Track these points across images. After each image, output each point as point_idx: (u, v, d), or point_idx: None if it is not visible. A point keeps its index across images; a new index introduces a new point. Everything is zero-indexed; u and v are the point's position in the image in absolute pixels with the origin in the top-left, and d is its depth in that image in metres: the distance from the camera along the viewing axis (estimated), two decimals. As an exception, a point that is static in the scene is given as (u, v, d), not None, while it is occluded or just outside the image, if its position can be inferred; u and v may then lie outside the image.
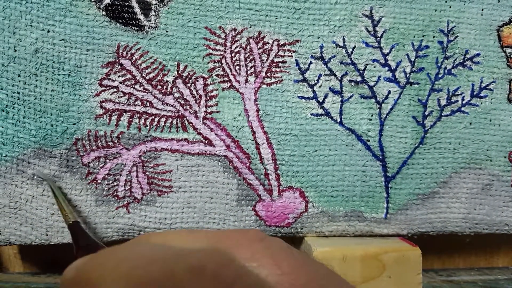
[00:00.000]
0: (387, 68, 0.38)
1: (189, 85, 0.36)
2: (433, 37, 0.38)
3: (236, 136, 0.37)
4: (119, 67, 0.35)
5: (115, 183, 0.36)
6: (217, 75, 0.36)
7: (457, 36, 0.39)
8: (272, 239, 0.19)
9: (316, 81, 0.37)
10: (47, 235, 0.36)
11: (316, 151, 0.38)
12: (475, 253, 0.47)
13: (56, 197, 0.34)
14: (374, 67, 0.38)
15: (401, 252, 0.37)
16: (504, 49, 0.40)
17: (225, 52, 0.36)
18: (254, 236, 0.18)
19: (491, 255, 0.47)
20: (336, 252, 0.36)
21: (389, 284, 0.36)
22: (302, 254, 0.18)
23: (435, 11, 0.38)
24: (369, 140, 0.38)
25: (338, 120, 0.38)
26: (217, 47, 0.36)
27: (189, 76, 0.36)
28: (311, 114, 0.38)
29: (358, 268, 0.36)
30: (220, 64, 0.36)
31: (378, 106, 0.38)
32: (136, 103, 0.36)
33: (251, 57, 0.37)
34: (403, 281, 0.36)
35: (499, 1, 0.39)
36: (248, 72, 0.37)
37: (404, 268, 0.36)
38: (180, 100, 0.36)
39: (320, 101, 0.38)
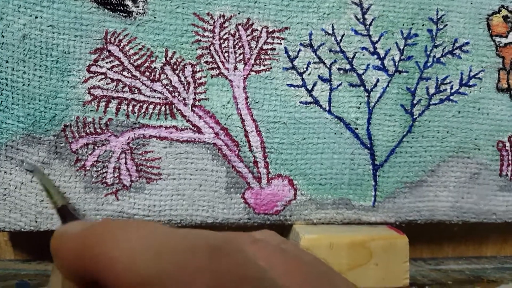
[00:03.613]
0: (376, 56, 0.38)
1: (177, 72, 0.36)
2: (422, 25, 0.38)
3: (225, 124, 0.37)
4: (107, 53, 0.35)
5: (104, 170, 0.36)
6: (206, 62, 0.36)
7: (447, 25, 0.39)
8: (263, 240, 0.19)
9: (305, 69, 0.37)
10: (36, 221, 0.36)
11: (304, 139, 0.38)
12: (464, 242, 0.47)
13: (43, 184, 0.34)
14: (363, 55, 0.38)
15: (388, 240, 0.37)
16: (493, 38, 0.40)
17: (213, 38, 0.36)
18: (247, 239, 0.18)
19: (480, 245, 0.47)
20: (323, 240, 0.36)
21: (376, 272, 0.37)
22: (295, 254, 0.19)
23: (425, -1, 0.38)
24: (357, 128, 0.38)
25: (327, 108, 0.38)
26: (206, 34, 0.36)
27: (177, 63, 0.36)
28: (300, 102, 0.38)
29: (345, 256, 0.36)
30: (208, 51, 0.36)
31: (367, 94, 0.38)
32: (124, 89, 0.36)
33: (240, 44, 0.37)
34: (390, 269, 0.37)
35: (488, -10, 0.39)
36: (237, 59, 0.37)
37: (391, 256, 0.37)
38: (168, 87, 0.36)
39: (309, 89, 0.38)
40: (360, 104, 0.38)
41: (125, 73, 0.35)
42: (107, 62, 0.35)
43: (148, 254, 0.16)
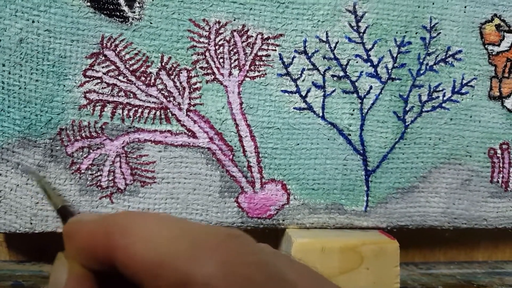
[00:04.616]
0: (369, 64, 0.38)
1: (172, 77, 0.36)
2: (416, 33, 0.39)
3: (219, 129, 0.37)
4: (103, 58, 0.35)
5: (99, 173, 0.36)
6: (201, 68, 0.37)
7: (440, 33, 0.39)
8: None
9: (299, 75, 0.38)
10: (31, 223, 0.36)
11: (298, 144, 0.38)
12: (456, 248, 0.48)
13: (42, 186, 0.34)
14: (357, 62, 0.38)
15: (379, 244, 0.37)
16: (486, 46, 0.40)
17: (209, 44, 0.37)
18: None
19: (472, 250, 0.48)
20: (315, 244, 0.37)
21: (367, 276, 0.37)
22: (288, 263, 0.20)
23: (418, 7, 0.38)
24: (350, 135, 0.39)
25: (320, 114, 0.38)
26: (201, 40, 0.36)
27: (172, 68, 0.36)
28: (294, 108, 0.38)
29: (336, 260, 0.36)
30: (204, 57, 0.37)
31: (360, 101, 0.39)
32: (119, 94, 0.36)
33: (235, 50, 0.37)
34: (380, 273, 0.37)
35: (481, -1, 0.39)
36: (232, 65, 0.37)
37: (382, 261, 0.37)
38: (163, 92, 0.36)
39: (303, 95, 0.38)
40: (353, 110, 0.39)
41: (120, 77, 0.36)
42: (103, 67, 0.35)
43: (165, 235, 0.16)
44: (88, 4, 0.35)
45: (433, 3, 0.39)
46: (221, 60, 0.37)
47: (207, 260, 0.15)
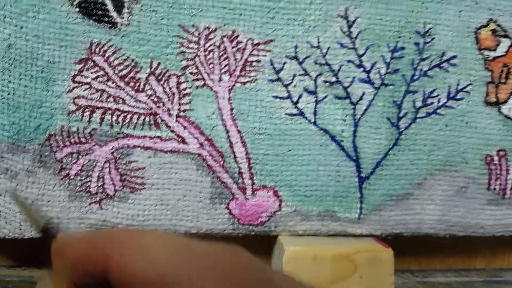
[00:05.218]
0: (362, 69, 0.38)
1: (162, 82, 0.36)
2: (409, 38, 0.38)
3: (209, 135, 0.37)
4: (92, 63, 0.35)
5: (88, 179, 0.36)
6: (191, 73, 0.36)
7: (434, 38, 0.39)
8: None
9: (290, 81, 0.37)
10: (20, 229, 0.36)
11: (290, 150, 0.38)
12: (453, 255, 0.47)
13: (24, 208, 0.34)
14: (349, 68, 0.38)
15: (373, 252, 0.37)
16: (482, 51, 0.39)
17: (198, 50, 0.36)
18: None
19: (469, 257, 0.47)
20: (307, 251, 0.36)
21: (360, 285, 0.36)
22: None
23: (412, 12, 0.38)
24: (343, 141, 0.38)
25: (312, 120, 0.38)
26: (191, 45, 0.36)
27: (162, 74, 0.36)
28: (285, 114, 0.38)
29: (329, 268, 0.36)
30: (193, 62, 0.36)
31: (352, 107, 0.38)
32: (108, 99, 0.36)
33: (225, 56, 0.37)
34: (374, 282, 0.37)
35: (477, 3, 0.39)
36: (222, 71, 0.37)
37: (376, 269, 0.36)
38: (153, 98, 0.36)
39: (295, 101, 0.38)
40: (346, 116, 0.38)
41: (109, 83, 0.36)
42: (92, 72, 0.35)
43: (164, 250, 0.16)
44: (77, 9, 0.35)
45: (427, 8, 0.38)
46: (211, 66, 0.37)
47: (208, 276, 0.15)
